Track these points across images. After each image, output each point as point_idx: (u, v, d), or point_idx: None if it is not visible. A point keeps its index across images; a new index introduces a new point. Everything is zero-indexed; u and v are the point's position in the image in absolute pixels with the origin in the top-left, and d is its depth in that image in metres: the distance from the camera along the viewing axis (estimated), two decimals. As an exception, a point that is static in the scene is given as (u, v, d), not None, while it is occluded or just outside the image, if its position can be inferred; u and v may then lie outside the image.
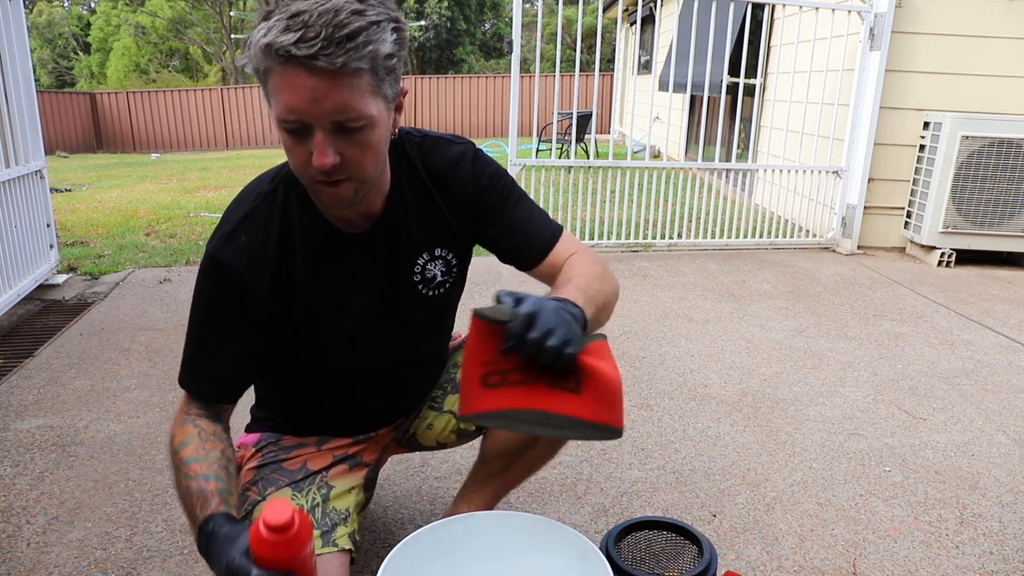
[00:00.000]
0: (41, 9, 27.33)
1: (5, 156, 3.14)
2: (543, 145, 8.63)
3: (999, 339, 2.98)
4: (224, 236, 1.06)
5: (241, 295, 1.06)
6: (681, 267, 4.08)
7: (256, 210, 1.08)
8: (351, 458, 1.32)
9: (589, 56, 21.03)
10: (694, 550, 1.25)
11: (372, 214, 1.12)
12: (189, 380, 1.10)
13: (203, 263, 1.07)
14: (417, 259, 1.18)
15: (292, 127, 0.92)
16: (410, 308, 1.21)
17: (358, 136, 0.94)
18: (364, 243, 1.12)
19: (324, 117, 0.90)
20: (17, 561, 1.53)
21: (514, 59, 3.98)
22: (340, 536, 1.18)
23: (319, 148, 0.92)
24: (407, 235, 1.15)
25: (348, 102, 0.90)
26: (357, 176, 0.97)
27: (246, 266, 1.05)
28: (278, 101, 0.91)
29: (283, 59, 0.87)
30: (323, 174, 0.94)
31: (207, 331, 1.08)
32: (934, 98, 4.31)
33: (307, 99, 0.88)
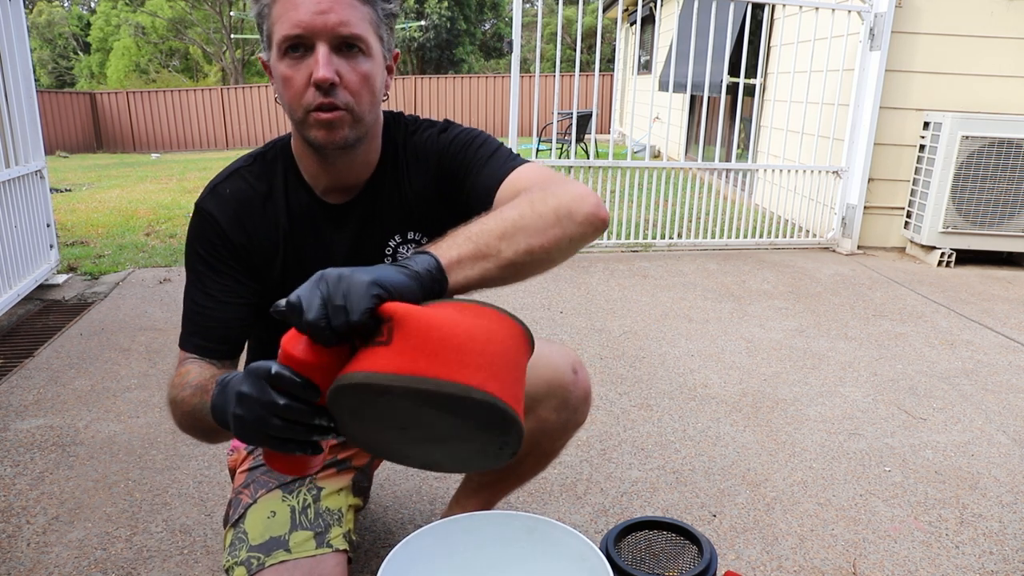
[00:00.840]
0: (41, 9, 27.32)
1: (5, 156, 3.14)
2: (543, 145, 8.63)
3: (999, 339, 2.98)
4: (211, 189, 1.11)
5: (224, 245, 1.08)
6: (681, 267, 4.08)
7: (245, 168, 1.12)
8: (340, 462, 1.31)
9: (589, 56, 21.03)
10: (694, 550, 1.25)
11: (355, 186, 1.13)
12: (186, 338, 1.10)
13: (191, 217, 1.12)
14: (389, 240, 1.18)
15: (294, 44, 0.95)
16: None
17: (356, 60, 0.97)
18: (339, 216, 1.14)
19: (327, 30, 0.94)
20: (17, 561, 1.53)
21: (514, 59, 3.98)
22: (335, 537, 1.17)
23: (321, 62, 0.94)
24: (382, 214, 1.16)
25: (351, 18, 0.94)
26: (352, 107, 0.98)
27: (228, 217, 1.08)
28: (282, 23, 0.94)
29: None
30: (322, 93, 0.96)
31: (198, 283, 1.10)
32: (934, 98, 4.31)
33: (312, 11, 0.93)
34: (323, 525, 1.18)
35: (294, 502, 1.19)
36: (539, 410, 1.22)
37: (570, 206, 0.91)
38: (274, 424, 0.75)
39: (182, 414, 0.98)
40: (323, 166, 1.09)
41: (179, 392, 0.99)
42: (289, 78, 0.97)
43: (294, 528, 1.14)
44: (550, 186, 0.94)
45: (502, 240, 0.85)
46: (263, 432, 0.76)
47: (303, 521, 1.16)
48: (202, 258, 1.09)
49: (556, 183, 0.96)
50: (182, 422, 1.00)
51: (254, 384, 0.76)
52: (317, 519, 1.18)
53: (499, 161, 1.08)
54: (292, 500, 1.20)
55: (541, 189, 0.93)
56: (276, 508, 1.16)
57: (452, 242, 0.84)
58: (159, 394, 2.35)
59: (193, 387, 0.96)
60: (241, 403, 0.77)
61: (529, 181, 1.01)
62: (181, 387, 0.99)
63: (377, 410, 0.73)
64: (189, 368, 1.04)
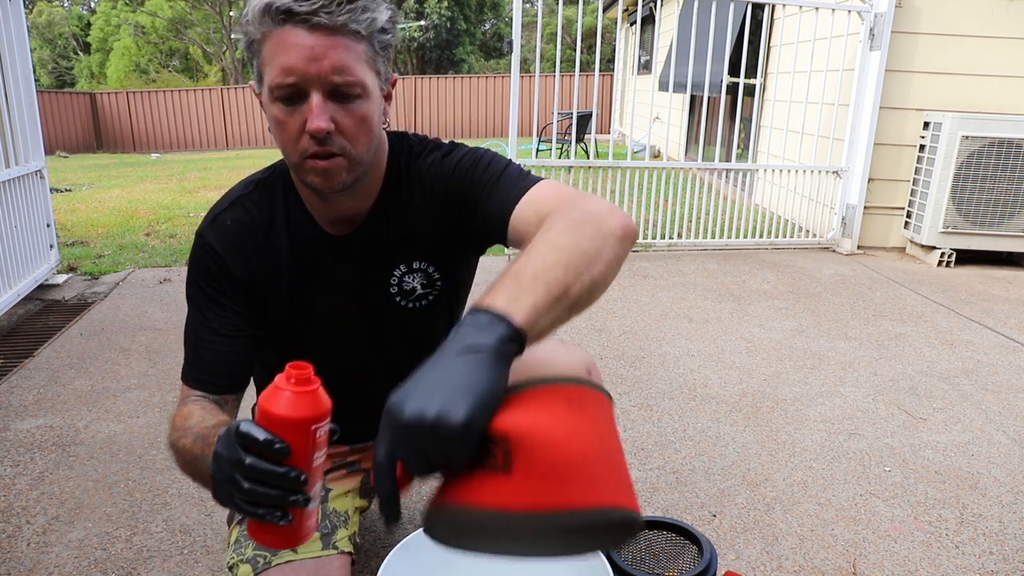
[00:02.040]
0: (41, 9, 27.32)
1: (5, 156, 3.14)
2: (543, 145, 8.63)
3: (999, 339, 2.98)
4: (212, 218, 1.07)
5: (225, 278, 1.05)
6: (681, 267, 4.08)
7: (246, 196, 1.08)
8: (350, 464, 1.31)
9: (589, 56, 21.03)
10: (694, 550, 1.25)
11: (357, 216, 1.09)
12: (187, 371, 1.08)
13: (192, 246, 1.08)
14: (394, 270, 1.14)
15: (287, 92, 0.90)
16: (387, 319, 1.17)
17: (352, 105, 0.92)
18: (342, 247, 1.10)
19: (321, 78, 0.89)
20: (17, 561, 1.53)
21: (514, 59, 3.98)
22: (340, 539, 1.17)
23: (315, 111, 0.90)
24: (386, 244, 1.12)
25: (345, 63, 0.89)
26: (349, 152, 0.95)
27: (229, 249, 1.05)
28: (273, 66, 0.89)
29: (282, 18, 0.87)
30: (316, 143, 0.92)
31: (199, 316, 1.07)
32: (934, 98, 4.31)
33: (305, 57, 0.87)
34: (330, 526, 1.18)
35: None
36: None
37: (610, 224, 0.83)
38: (241, 486, 0.70)
39: (183, 461, 0.95)
40: (323, 201, 1.07)
41: (180, 437, 0.95)
42: (283, 123, 0.93)
43: None
44: (579, 204, 0.87)
45: (568, 274, 0.76)
46: (231, 494, 0.72)
47: None
48: (203, 291, 1.06)
49: (581, 200, 0.89)
50: (184, 468, 0.96)
51: (225, 442, 0.73)
52: (324, 520, 1.18)
53: (510, 181, 1.01)
54: None
55: (571, 208, 0.86)
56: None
57: (516, 288, 0.72)
58: (159, 394, 2.35)
59: (195, 435, 0.92)
60: (215, 462, 0.73)
61: (551, 201, 0.93)
62: (183, 432, 0.95)
63: (495, 538, 0.64)
64: (191, 410, 1.00)
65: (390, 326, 1.18)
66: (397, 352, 1.22)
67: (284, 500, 0.71)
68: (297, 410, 0.71)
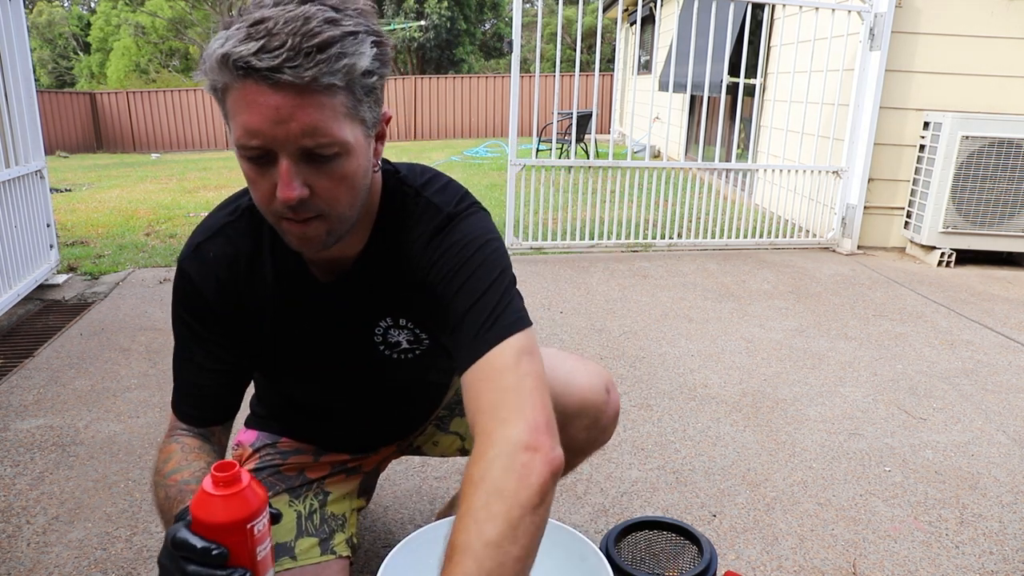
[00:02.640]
0: (41, 9, 27.32)
1: (5, 156, 3.14)
2: (543, 145, 8.63)
3: (999, 339, 2.98)
4: (193, 248, 1.00)
5: (205, 309, 1.01)
6: (681, 267, 4.08)
7: (231, 224, 1.00)
8: (350, 469, 1.31)
9: (589, 56, 21.02)
10: (694, 550, 1.25)
11: (344, 262, 1.01)
12: (176, 402, 1.06)
13: (175, 275, 1.03)
14: (379, 322, 1.06)
15: (253, 154, 0.80)
16: (373, 366, 1.12)
17: (330, 166, 0.81)
18: (326, 293, 1.03)
19: (290, 142, 0.78)
20: (17, 561, 1.53)
21: (514, 59, 3.98)
22: (338, 543, 1.17)
23: (284, 179, 0.80)
24: (371, 295, 1.03)
25: (318, 124, 0.78)
26: (329, 213, 0.85)
27: (211, 284, 0.99)
28: (237, 123, 0.79)
29: (242, 73, 0.75)
30: (290, 210, 0.82)
31: (183, 350, 1.04)
32: (934, 98, 4.31)
33: (270, 119, 0.76)
34: (328, 531, 1.17)
35: (300, 507, 1.19)
36: (569, 428, 1.12)
37: (529, 492, 0.77)
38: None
39: (159, 511, 0.94)
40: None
41: (157, 484, 0.94)
42: (253, 181, 0.84)
43: (300, 535, 1.13)
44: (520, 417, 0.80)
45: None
46: None
47: (308, 527, 1.15)
48: (186, 323, 1.03)
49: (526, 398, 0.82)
50: (156, 506, 0.95)
51: (166, 551, 0.74)
52: (322, 525, 1.18)
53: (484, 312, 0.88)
54: (299, 505, 1.19)
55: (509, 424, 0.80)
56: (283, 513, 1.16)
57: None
58: (159, 394, 2.35)
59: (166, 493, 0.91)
60: (161, 570, 0.76)
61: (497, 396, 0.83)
62: (161, 476, 0.94)
63: None
64: (171, 451, 0.97)
65: (376, 371, 1.13)
66: (387, 388, 1.19)
67: None
68: (229, 514, 0.73)
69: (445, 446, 1.38)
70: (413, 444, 1.40)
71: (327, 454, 1.28)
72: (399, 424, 1.31)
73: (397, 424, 1.31)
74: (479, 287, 0.90)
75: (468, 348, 0.87)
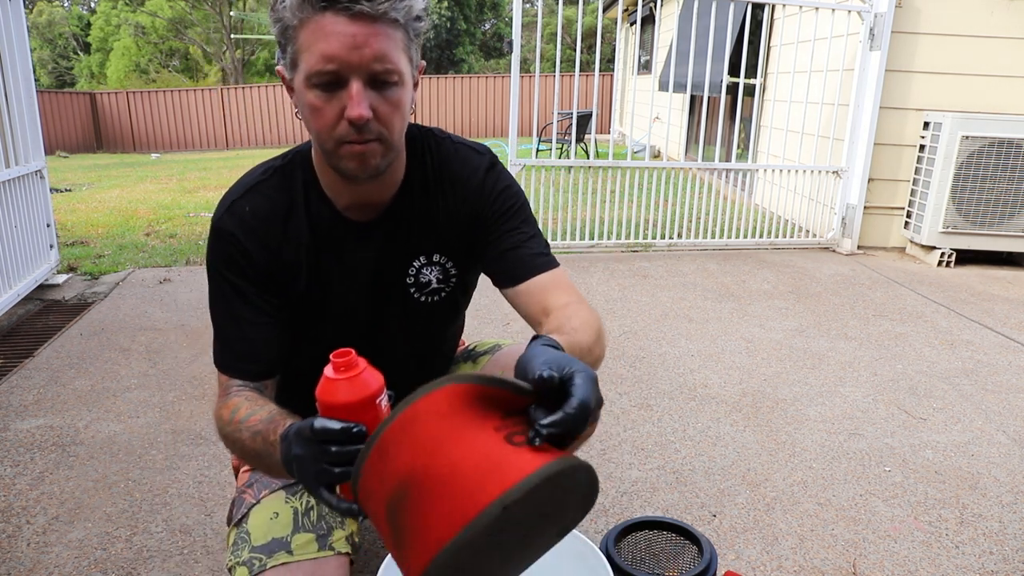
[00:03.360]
0: (41, 9, 27.32)
1: (5, 156, 3.14)
2: (543, 145, 8.63)
3: (999, 339, 2.98)
4: (227, 207, 1.06)
5: (247, 263, 1.05)
6: (681, 267, 4.08)
7: (263, 182, 1.08)
8: None
9: (589, 56, 21.02)
10: (694, 550, 1.25)
11: (379, 204, 1.10)
12: (224, 359, 1.08)
13: (209, 237, 1.08)
14: (413, 261, 1.15)
15: (326, 79, 0.90)
16: (397, 311, 1.18)
17: (390, 92, 0.93)
18: (364, 233, 1.11)
19: (362, 67, 0.89)
20: (17, 561, 1.53)
21: (514, 59, 3.98)
22: (337, 540, 1.17)
23: (355, 99, 0.90)
24: (407, 234, 1.13)
25: (386, 51, 0.90)
26: (385, 137, 0.96)
27: (247, 233, 1.05)
28: (312, 53, 0.89)
29: (323, 5, 0.87)
30: (355, 131, 0.93)
31: (228, 308, 1.07)
32: (934, 98, 4.31)
33: (347, 45, 0.88)
34: (326, 527, 1.17)
35: (297, 503, 1.19)
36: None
37: (603, 341, 1.03)
38: (333, 473, 0.76)
39: (244, 455, 0.97)
40: (347, 186, 1.06)
41: (234, 432, 0.97)
42: (319, 109, 0.93)
43: (296, 530, 1.13)
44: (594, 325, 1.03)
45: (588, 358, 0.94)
46: (327, 483, 0.78)
47: (306, 523, 1.15)
48: (228, 280, 1.06)
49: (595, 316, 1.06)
50: (245, 460, 0.99)
51: (301, 445, 0.78)
52: (320, 521, 1.17)
53: (538, 246, 1.14)
54: (295, 501, 1.19)
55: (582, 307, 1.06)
56: (279, 509, 1.16)
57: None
58: (159, 394, 2.35)
59: (251, 431, 0.93)
60: (297, 464, 0.79)
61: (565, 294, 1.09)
62: (235, 426, 0.97)
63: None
64: (237, 403, 1.00)
65: (398, 319, 1.19)
66: (397, 350, 1.23)
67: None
68: (358, 392, 0.77)
69: None
70: None
71: None
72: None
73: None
74: (532, 228, 1.15)
75: (529, 266, 1.11)
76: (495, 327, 3.00)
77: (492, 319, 3.06)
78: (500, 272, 1.14)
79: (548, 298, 1.08)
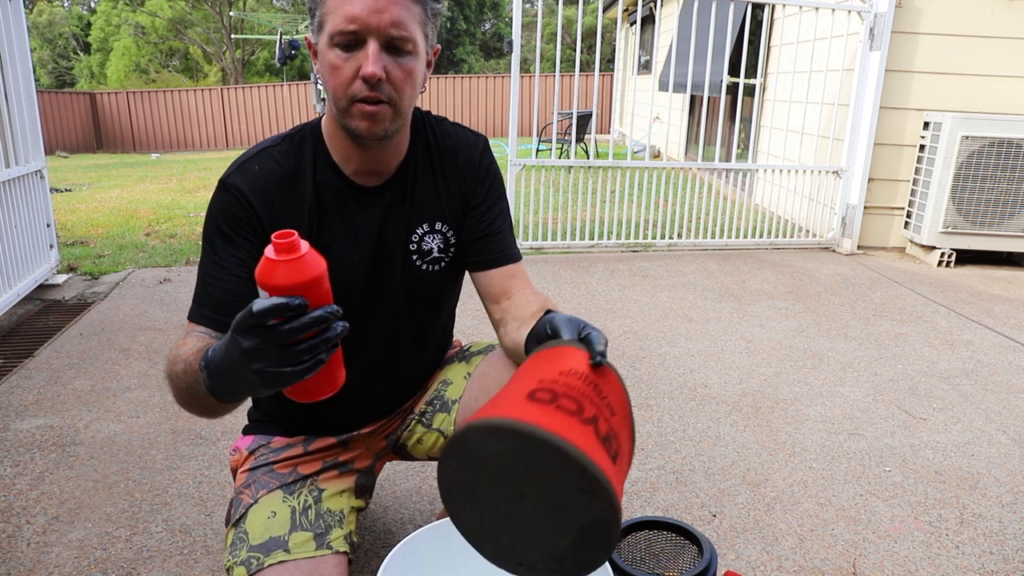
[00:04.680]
0: (41, 9, 27.32)
1: (5, 156, 3.14)
2: (543, 145, 8.63)
3: (999, 339, 2.98)
4: (238, 165, 1.11)
5: (246, 217, 1.08)
6: (681, 267, 4.08)
7: (274, 147, 1.13)
8: (341, 464, 1.31)
9: (589, 56, 21.02)
10: (694, 550, 1.25)
11: (385, 172, 1.16)
12: (196, 310, 1.08)
13: (214, 193, 1.11)
14: (416, 228, 1.20)
15: (346, 40, 0.99)
16: (399, 277, 1.21)
17: (403, 59, 1.02)
18: (370, 197, 1.16)
19: (380, 30, 0.98)
20: (17, 561, 1.53)
21: (514, 59, 3.98)
22: (335, 539, 1.17)
23: (371, 58, 0.98)
24: (411, 202, 1.19)
25: (404, 19, 0.99)
26: (395, 101, 1.03)
27: (254, 189, 1.09)
28: (337, 14, 0.98)
29: None
30: (368, 87, 1.00)
31: (212, 255, 1.08)
32: (934, 98, 4.31)
33: (369, 9, 0.97)
34: (324, 526, 1.17)
35: (294, 503, 1.19)
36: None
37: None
38: (271, 354, 0.76)
39: (177, 391, 0.96)
40: (356, 150, 1.11)
41: (173, 367, 0.96)
42: (337, 67, 1.01)
43: (294, 529, 1.13)
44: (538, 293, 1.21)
45: None
46: (287, 365, 0.76)
47: (303, 522, 1.15)
48: (222, 232, 1.08)
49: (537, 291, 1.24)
50: (179, 398, 0.97)
51: (250, 333, 0.76)
52: (318, 520, 1.18)
53: (511, 237, 1.27)
54: (292, 501, 1.19)
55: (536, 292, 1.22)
56: (276, 508, 1.16)
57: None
58: (159, 394, 2.35)
59: (184, 362, 0.93)
60: (256, 358, 0.77)
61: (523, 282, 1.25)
62: (175, 361, 0.96)
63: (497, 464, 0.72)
64: (186, 341, 1.01)
65: (399, 285, 1.22)
66: (398, 318, 1.26)
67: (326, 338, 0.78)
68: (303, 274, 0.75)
69: (429, 445, 1.39)
70: (400, 442, 1.41)
71: (315, 440, 1.29)
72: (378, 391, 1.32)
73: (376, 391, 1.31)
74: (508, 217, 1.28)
75: (505, 256, 1.24)
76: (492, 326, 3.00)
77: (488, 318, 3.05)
78: (477, 252, 1.25)
79: (510, 283, 1.24)
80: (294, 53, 12.16)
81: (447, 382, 1.38)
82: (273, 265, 0.75)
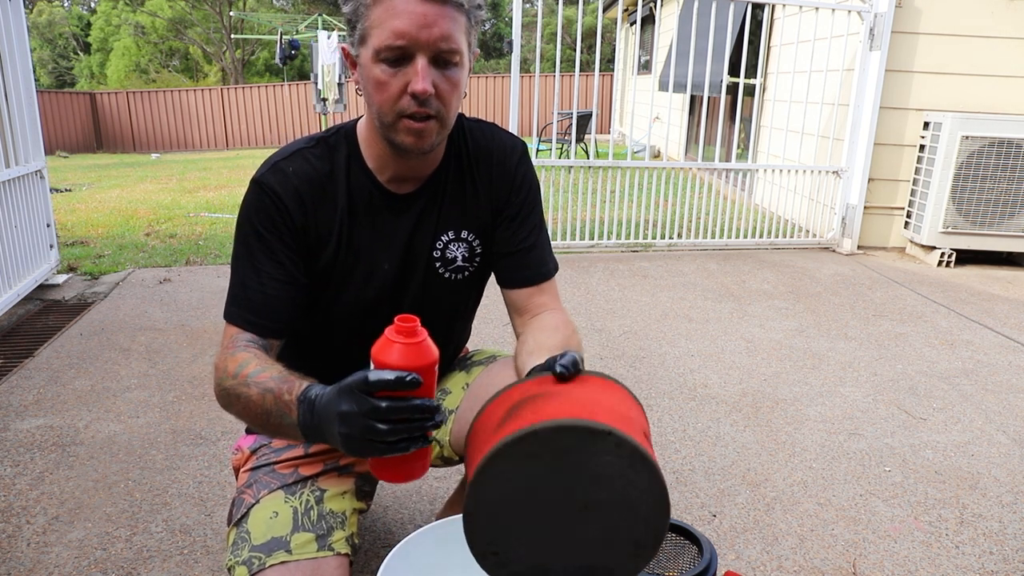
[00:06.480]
0: (41, 9, 27.32)
1: (5, 156, 3.14)
2: (543, 145, 8.63)
3: (999, 339, 2.98)
4: (271, 166, 1.10)
5: (281, 219, 1.07)
6: (681, 267, 4.08)
7: (308, 149, 1.12)
8: (342, 468, 1.31)
9: (589, 56, 21.02)
10: (694, 550, 1.25)
11: (419, 179, 1.15)
12: (235, 312, 1.08)
13: (247, 192, 1.10)
14: (442, 235, 1.18)
15: (394, 55, 0.96)
16: (421, 283, 1.21)
17: (451, 71, 1.00)
18: (401, 205, 1.15)
19: (430, 45, 0.96)
20: (17, 561, 1.53)
21: (514, 59, 3.98)
22: (337, 540, 1.17)
23: (421, 74, 0.96)
24: (440, 209, 1.17)
25: (452, 32, 0.97)
26: (442, 115, 1.01)
27: (288, 192, 1.08)
28: (384, 29, 0.95)
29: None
30: (417, 103, 0.98)
31: (251, 258, 1.08)
32: (934, 98, 4.31)
33: (417, 24, 0.94)
34: (325, 528, 1.17)
35: (296, 503, 1.19)
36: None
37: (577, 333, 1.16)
38: (381, 430, 0.77)
39: (245, 410, 0.96)
40: (394, 159, 1.10)
41: (239, 386, 0.96)
42: (384, 83, 0.99)
43: (296, 529, 1.13)
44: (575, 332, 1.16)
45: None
46: (373, 442, 0.78)
47: (305, 523, 1.15)
48: (258, 234, 1.07)
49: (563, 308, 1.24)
50: (241, 414, 0.98)
51: (352, 398, 0.79)
52: (320, 521, 1.17)
53: (548, 252, 1.25)
54: (294, 501, 1.19)
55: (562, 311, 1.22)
56: (278, 509, 1.16)
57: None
58: (159, 394, 2.35)
59: (261, 388, 0.93)
60: (345, 422, 0.79)
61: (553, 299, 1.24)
62: (241, 380, 0.96)
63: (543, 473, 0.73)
64: (245, 357, 1.00)
65: (420, 290, 1.21)
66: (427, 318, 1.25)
67: (424, 427, 0.80)
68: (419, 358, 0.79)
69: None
70: None
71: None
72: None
73: None
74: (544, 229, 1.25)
75: (540, 273, 1.22)
76: (494, 327, 3.00)
77: (491, 319, 3.05)
78: (507, 269, 1.22)
79: (538, 300, 1.22)
80: (294, 53, 12.15)
81: (446, 391, 1.37)
82: (391, 345, 0.79)
